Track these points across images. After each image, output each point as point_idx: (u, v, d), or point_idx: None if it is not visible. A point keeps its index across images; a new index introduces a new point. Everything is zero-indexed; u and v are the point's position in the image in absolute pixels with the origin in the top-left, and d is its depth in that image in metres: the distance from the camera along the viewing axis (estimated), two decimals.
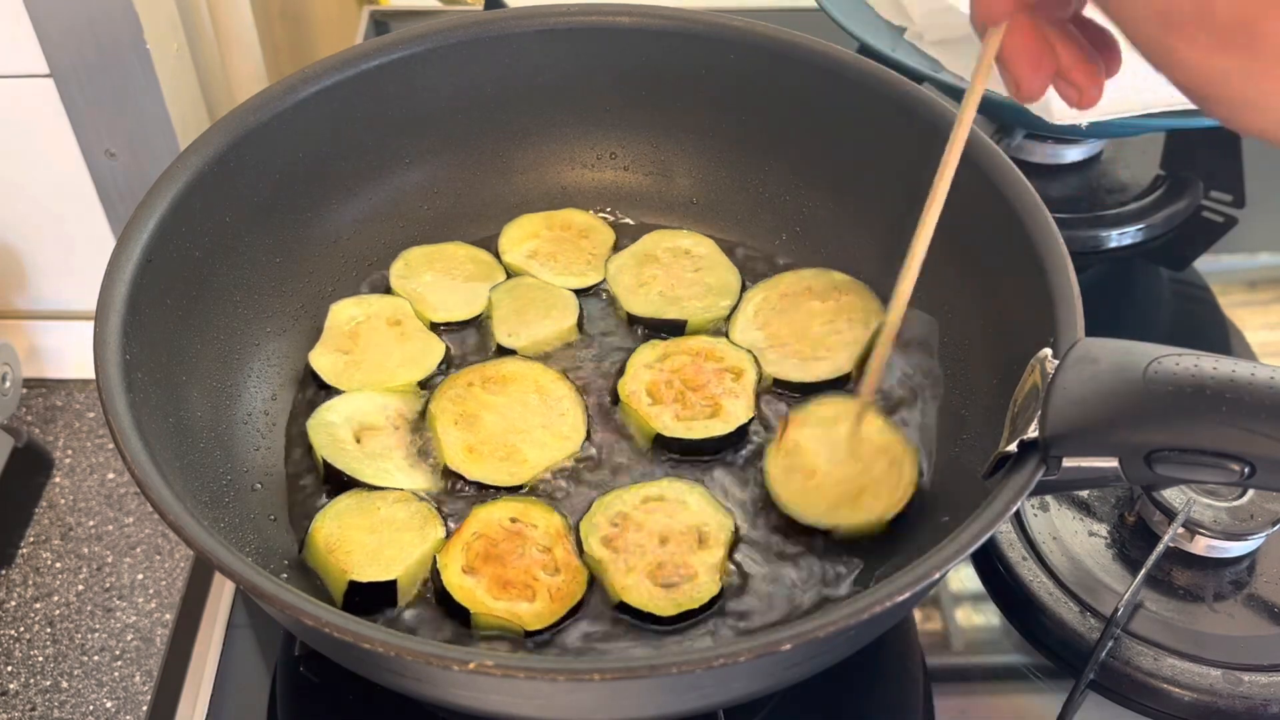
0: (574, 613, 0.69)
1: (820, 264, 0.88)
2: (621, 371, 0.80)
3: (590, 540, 0.71)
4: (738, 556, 0.72)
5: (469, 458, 0.75)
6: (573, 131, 0.93)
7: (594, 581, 0.70)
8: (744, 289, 0.87)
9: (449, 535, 0.71)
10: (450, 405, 0.78)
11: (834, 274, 0.86)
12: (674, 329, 0.85)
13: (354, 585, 0.68)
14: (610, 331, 0.86)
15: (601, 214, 0.94)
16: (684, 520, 0.72)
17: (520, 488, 0.75)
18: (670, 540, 0.71)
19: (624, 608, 0.68)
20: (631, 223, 0.94)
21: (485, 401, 0.78)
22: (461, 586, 0.68)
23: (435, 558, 0.70)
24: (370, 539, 0.70)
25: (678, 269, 0.88)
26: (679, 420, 0.78)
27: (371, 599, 0.69)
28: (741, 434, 0.78)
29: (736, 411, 0.78)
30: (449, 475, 0.75)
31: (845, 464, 0.74)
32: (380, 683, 0.61)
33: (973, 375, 0.76)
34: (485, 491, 0.75)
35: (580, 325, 0.85)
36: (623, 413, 0.79)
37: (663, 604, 0.68)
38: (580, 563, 0.70)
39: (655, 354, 0.81)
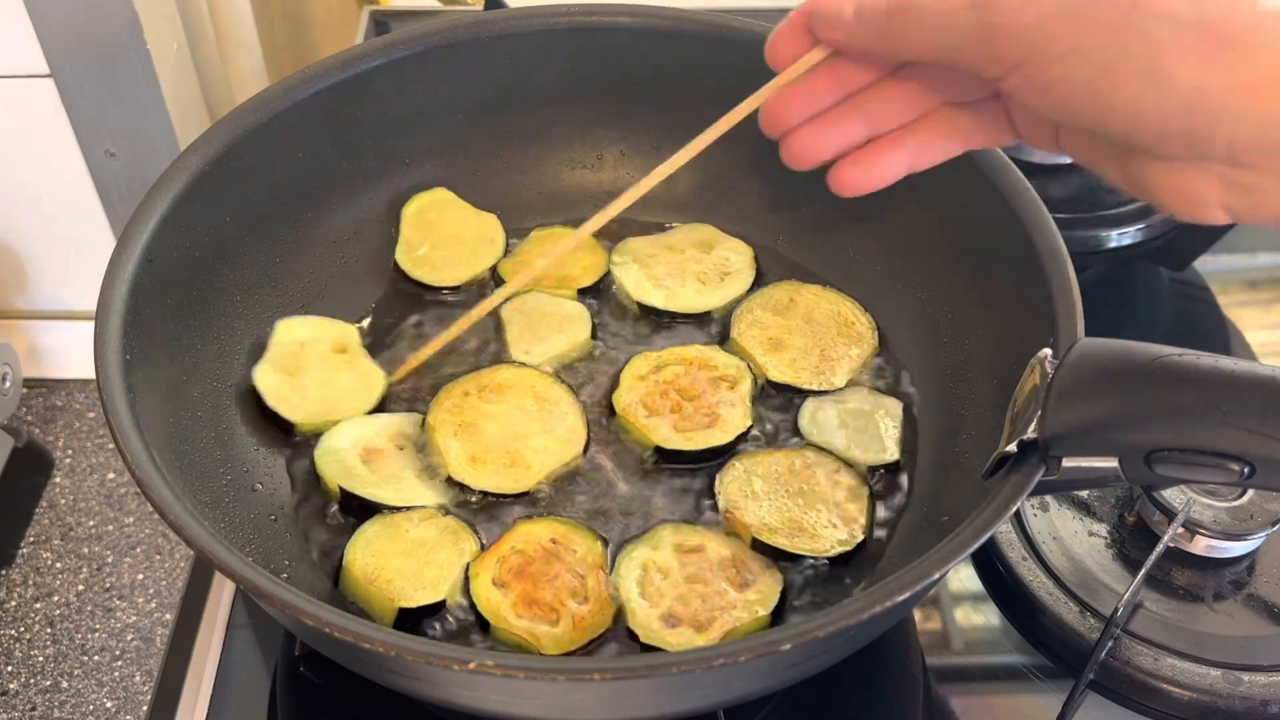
0: (593, 645, 0.68)
1: (819, 264, 0.89)
2: (616, 384, 0.80)
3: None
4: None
5: (472, 467, 0.75)
6: (573, 131, 0.93)
7: (619, 617, 0.68)
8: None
9: (484, 547, 0.71)
10: (449, 416, 0.77)
11: (846, 301, 0.86)
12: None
13: (403, 611, 0.68)
14: (623, 337, 0.85)
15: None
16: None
17: (525, 494, 0.75)
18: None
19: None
20: (633, 221, 0.94)
21: (483, 410, 0.78)
22: (488, 599, 0.68)
23: (468, 565, 0.70)
24: (408, 563, 0.70)
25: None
26: (678, 431, 0.77)
27: (420, 619, 0.69)
28: (740, 440, 0.78)
29: (735, 420, 0.78)
30: (454, 485, 0.75)
31: (780, 507, 0.74)
32: (380, 683, 0.61)
33: (973, 375, 0.76)
34: (496, 500, 0.75)
35: (594, 334, 0.85)
36: (620, 426, 0.78)
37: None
38: (610, 596, 0.69)
39: (648, 365, 0.81)
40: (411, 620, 0.68)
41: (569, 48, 0.89)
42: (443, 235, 0.89)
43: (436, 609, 0.69)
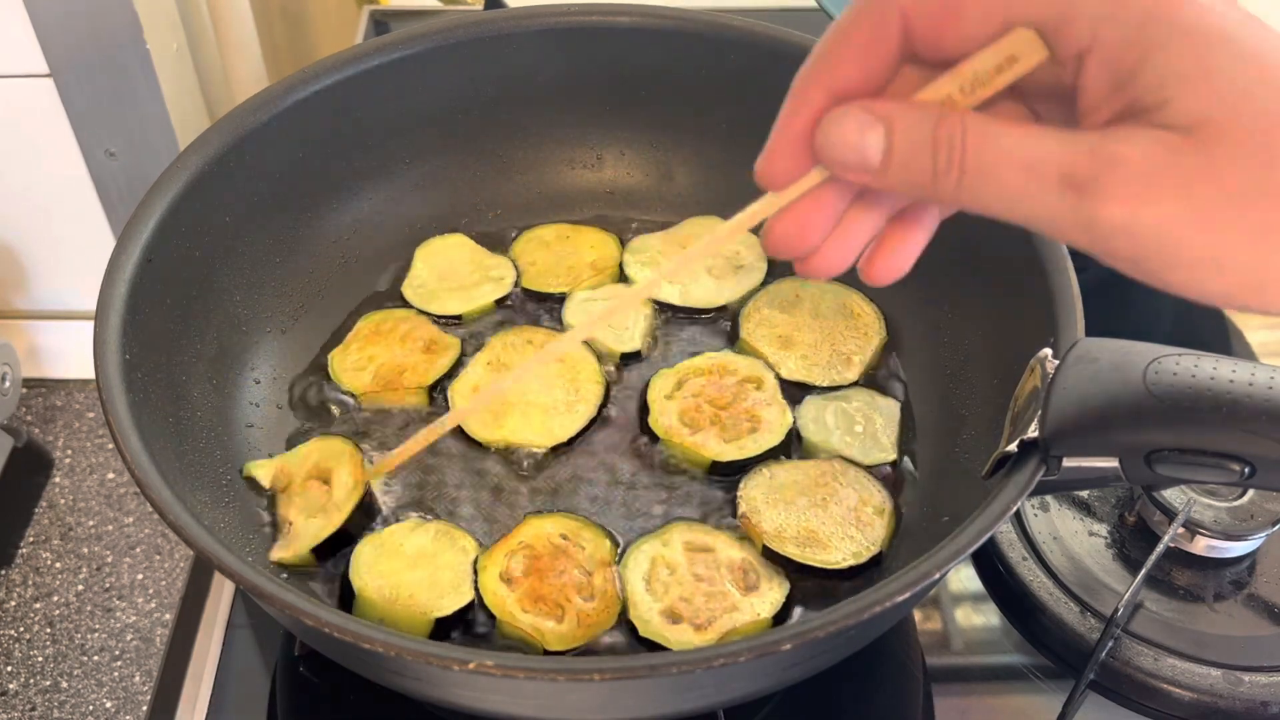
0: (598, 646, 0.68)
1: None
2: (645, 409, 0.79)
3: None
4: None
5: (470, 395, 0.79)
6: (572, 131, 0.93)
7: (624, 616, 0.68)
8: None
9: (484, 546, 0.72)
10: (500, 346, 0.81)
11: (851, 293, 0.86)
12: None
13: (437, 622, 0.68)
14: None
15: (600, 214, 0.94)
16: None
17: (485, 455, 0.77)
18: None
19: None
20: (637, 220, 0.94)
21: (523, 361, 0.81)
22: (495, 592, 0.68)
23: (476, 559, 0.70)
24: (418, 574, 0.70)
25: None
26: (727, 443, 0.77)
27: (452, 623, 0.69)
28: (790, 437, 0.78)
29: (777, 419, 0.78)
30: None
31: (800, 517, 0.73)
32: (380, 683, 0.62)
33: (973, 375, 0.76)
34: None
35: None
36: (666, 449, 0.77)
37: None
38: (616, 594, 0.69)
39: (670, 383, 0.80)
40: (444, 630, 0.68)
41: (569, 48, 0.89)
42: (453, 271, 0.89)
43: (465, 614, 0.69)
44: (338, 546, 0.71)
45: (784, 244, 0.47)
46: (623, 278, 0.89)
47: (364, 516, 0.72)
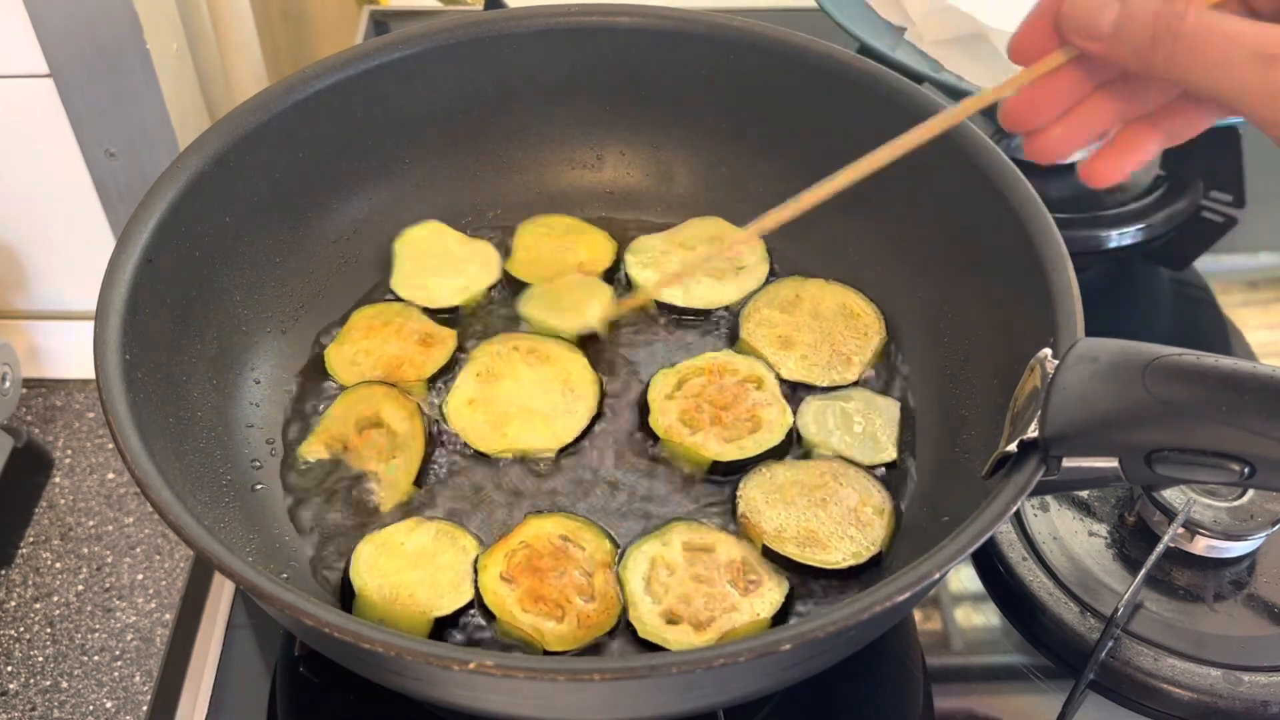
0: (598, 646, 0.68)
1: (820, 265, 0.89)
2: (645, 409, 0.79)
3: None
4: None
5: (466, 408, 0.78)
6: (573, 131, 0.93)
7: (623, 616, 0.68)
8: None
9: (484, 544, 0.72)
10: (486, 357, 0.81)
11: (851, 293, 0.86)
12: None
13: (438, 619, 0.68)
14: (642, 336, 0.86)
15: (600, 214, 0.94)
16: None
17: (483, 455, 0.77)
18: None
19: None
20: (637, 220, 0.94)
21: (516, 369, 0.80)
22: (495, 592, 0.68)
23: (476, 558, 0.70)
24: (419, 573, 0.70)
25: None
26: (727, 443, 0.77)
27: (452, 623, 0.69)
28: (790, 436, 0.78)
29: (777, 419, 0.78)
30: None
31: (799, 516, 0.73)
32: (380, 683, 0.61)
33: (973, 375, 0.76)
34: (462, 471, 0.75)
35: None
36: (666, 449, 0.77)
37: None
38: (616, 597, 0.69)
39: (671, 383, 0.80)
40: (444, 630, 0.68)
41: (569, 48, 0.89)
42: (438, 262, 0.88)
43: (465, 614, 0.69)
44: (426, 468, 0.76)
45: (1018, 116, 0.54)
46: (625, 279, 0.89)
47: (436, 431, 0.78)
